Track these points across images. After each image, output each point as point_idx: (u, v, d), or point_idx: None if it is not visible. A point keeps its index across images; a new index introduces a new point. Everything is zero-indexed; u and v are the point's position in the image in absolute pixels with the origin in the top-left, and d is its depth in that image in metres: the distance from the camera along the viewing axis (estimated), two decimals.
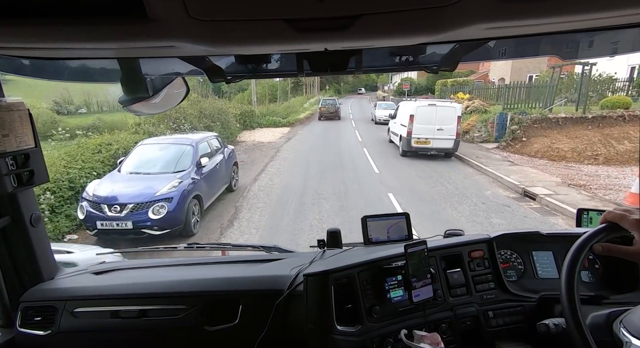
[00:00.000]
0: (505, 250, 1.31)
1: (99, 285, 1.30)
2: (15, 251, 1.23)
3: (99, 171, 7.05)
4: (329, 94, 47.22)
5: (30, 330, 1.20)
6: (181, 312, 1.17)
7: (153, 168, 6.05)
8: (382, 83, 62.70)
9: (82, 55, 0.77)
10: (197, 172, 6.04)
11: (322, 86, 50.13)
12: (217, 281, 1.25)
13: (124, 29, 0.52)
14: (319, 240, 1.45)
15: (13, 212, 1.18)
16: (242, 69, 1.06)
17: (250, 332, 1.13)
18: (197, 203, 5.77)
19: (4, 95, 1.08)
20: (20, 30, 0.52)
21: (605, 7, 0.49)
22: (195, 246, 1.59)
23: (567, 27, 0.63)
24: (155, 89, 1.09)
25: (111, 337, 1.19)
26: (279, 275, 1.23)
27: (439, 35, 0.56)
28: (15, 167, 1.05)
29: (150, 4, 0.45)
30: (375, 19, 0.49)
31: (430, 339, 0.98)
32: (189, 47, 0.60)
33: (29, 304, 1.24)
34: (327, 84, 45.79)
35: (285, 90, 33.92)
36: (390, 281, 1.13)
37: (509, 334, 1.18)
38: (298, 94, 37.14)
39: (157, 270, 1.44)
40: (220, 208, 6.67)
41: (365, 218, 1.37)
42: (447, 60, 1.01)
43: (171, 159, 6.23)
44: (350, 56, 0.91)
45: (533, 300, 1.19)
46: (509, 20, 0.52)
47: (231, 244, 1.76)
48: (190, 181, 5.75)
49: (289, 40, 0.57)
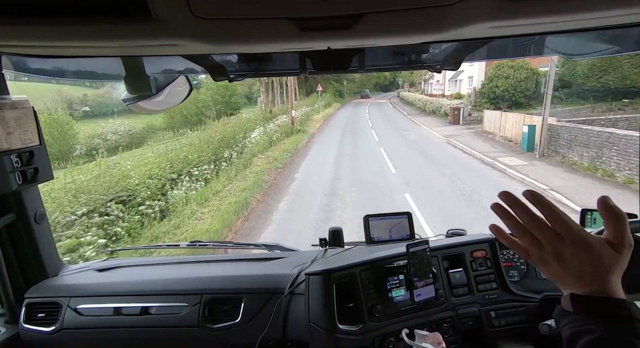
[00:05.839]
0: (508, 250, 1.31)
1: (102, 282, 1.31)
2: (19, 248, 1.24)
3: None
4: (326, 98, 34.73)
5: (34, 326, 1.22)
6: (183, 310, 1.18)
7: None
8: (406, 80, 49.33)
9: (87, 53, 0.77)
10: None
11: (310, 87, 36.24)
12: (219, 279, 1.25)
13: (128, 28, 0.52)
14: (321, 239, 1.45)
15: (18, 209, 1.19)
16: (245, 67, 1.06)
17: (251, 330, 1.13)
18: None
19: (9, 93, 1.09)
20: (26, 29, 0.53)
21: (609, 6, 0.49)
22: (197, 244, 1.60)
23: (570, 26, 0.62)
24: (159, 87, 1.10)
25: (114, 333, 1.20)
26: (281, 273, 1.23)
27: (442, 34, 0.56)
28: (20, 164, 1.05)
29: (154, 3, 0.45)
30: (378, 17, 0.49)
31: (432, 339, 0.98)
32: (192, 46, 0.60)
33: (33, 300, 1.25)
34: (320, 83, 30.11)
35: (249, 94, 25.21)
36: (392, 280, 1.13)
37: (511, 334, 1.18)
38: (286, 97, 25.11)
39: (159, 267, 1.45)
40: None
41: (367, 217, 1.37)
42: (450, 59, 1.01)
43: None
44: (353, 54, 0.90)
45: (535, 301, 1.18)
46: (513, 19, 0.52)
47: (233, 242, 1.77)
48: None
49: (292, 38, 0.57)
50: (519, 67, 19.10)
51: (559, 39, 0.96)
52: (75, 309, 1.22)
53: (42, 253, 1.28)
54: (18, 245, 1.24)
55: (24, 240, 1.23)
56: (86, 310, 1.22)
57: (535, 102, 19.48)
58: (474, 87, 22.22)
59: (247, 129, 14.84)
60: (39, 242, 1.26)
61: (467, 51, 0.94)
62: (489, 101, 19.84)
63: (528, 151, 11.71)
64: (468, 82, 26.28)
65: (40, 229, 1.25)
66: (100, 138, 19.70)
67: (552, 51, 1.06)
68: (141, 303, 1.20)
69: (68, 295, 1.24)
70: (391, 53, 1.04)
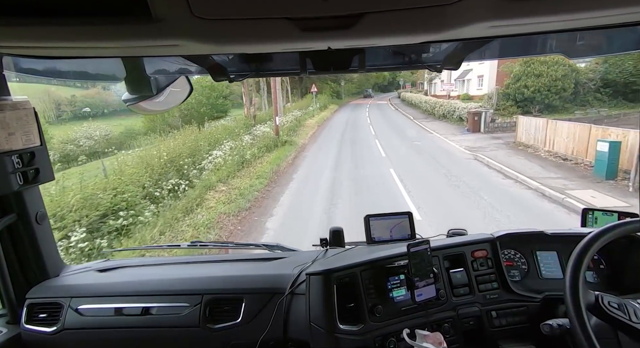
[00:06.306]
0: (509, 250, 1.31)
1: (103, 282, 1.31)
2: (21, 249, 1.24)
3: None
4: (322, 100, 30.52)
5: (35, 327, 1.22)
6: (184, 310, 1.18)
7: None
8: (407, 80, 46.02)
9: (88, 54, 0.77)
10: None
11: (305, 88, 31.29)
12: (219, 279, 1.25)
13: (128, 29, 0.52)
14: (322, 239, 1.44)
15: (19, 210, 1.19)
16: (245, 67, 1.06)
17: (252, 331, 1.13)
18: None
19: (10, 94, 1.09)
20: (27, 30, 0.53)
21: (609, 6, 0.49)
22: (198, 244, 1.60)
23: (571, 25, 0.62)
24: (159, 87, 1.10)
25: (115, 333, 1.20)
26: (282, 273, 1.23)
27: (443, 33, 0.56)
28: (21, 165, 1.06)
29: (155, 4, 0.45)
30: (379, 17, 0.49)
31: (433, 339, 0.98)
32: (192, 46, 0.60)
33: (34, 301, 1.25)
34: (315, 84, 26.14)
35: (222, 95, 19.93)
36: (393, 280, 1.12)
37: (512, 334, 1.18)
38: (269, 99, 19.66)
39: (160, 267, 1.45)
40: None
41: (368, 217, 1.37)
42: (451, 58, 1.01)
43: None
44: (353, 54, 0.90)
45: (537, 300, 1.18)
46: (513, 19, 0.52)
47: (234, 242, 1.77)
48: None
49: (292, 39, 0.57)
50: (553, 63, 15.88)
51: (559, 38, 0.96)
52: (77, 309, 1.22)
53: (43, 253, 1.28)
54: (19, 246, 1.24)
55: (25, 240, 1.23)
56: (87, 311, 1.22)
57: (573, 106, 15.95)
58: (496, 87, 18.50)
59: (218, 142, 11.15)
60: (40, 242, 1.26)
61: (468, 51, 0.94)
62: (515, 103, 16.40)
63: (608, 179, 7.76)
64: (478, 82, 23.67)
65: (41, 229, 1.26)
66: (73, 143, 16.67)
67: (553, 51, 1.06)
68: (142, 303, 1.20)
69: (69, 295, 1.24)
70: (391, 53, 1.04)
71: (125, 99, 1.10)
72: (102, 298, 1.24)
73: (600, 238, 0.85)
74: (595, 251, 0.86)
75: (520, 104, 16.25)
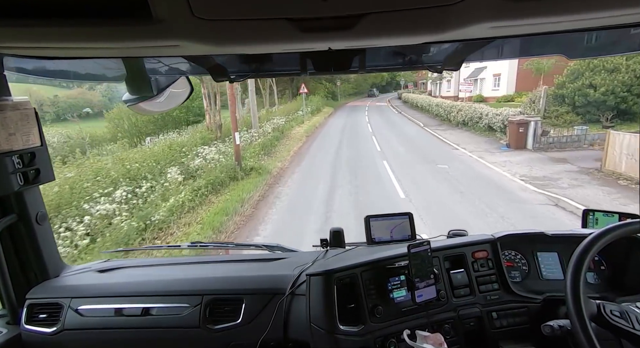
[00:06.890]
0: (510, 251, 1.31)
1: (103, 282, 1.31)
2: (21, 249, 1.24)
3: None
4: (316, 102, 26.96)
5: (35, 327, 1.22)
6: (184, 310, 1.18)
7: None
8: (410, 81, 43.05)
9: (88, 55, 0.77)
10: None
11: (297, 88, 25.52)
12: (220, 280, 1.25)
13: (129, 29, 0.52)
14: (322, 239, 1.44)
15: (19, 210, 1.19)
16: (246, 68, 1.06)
17: (252, 331, 1.13)
18: None
19: (11, 94, 1.09)
20: (28, 31, 0.53)
21: (609, 6, 0.49)
22: (198, 245, 1.60)
23: (572, 26, 0.62)
24: (160, 88, 1.10)
25: (115, 334, 1.20)
26: (282, 274, 1.23)
27: (444, 34, 0.56)
28: (21, 166, 1.06)
29: (155, 4, 0.45)
30: (379, 18, 0.49)
31: (433, 340, 0.97)
32: (193, 47, 0.60)
33: (34, 301, 1.25)
34: (304, 84, 21.51)
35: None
36: (393, 281, 1.12)
37: (513, 335, 1.17)
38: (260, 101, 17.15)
39: (160, 268, 1.45)
40: None
41: (369, 218, 1.36)
42: (451, 59, 1.01)
43: None
44: (354, 55, 0.91)
45: (537, 301, 1.18)
46: (514, 19, 0.52)
47: (234, 243, 1.77)
48: None
49: (293, 39, 0.57)
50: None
51: (560, 38, 0.96)
52: (77, 310, 1.22)
53: (43, 253, 1.28)
54: (19, 246, 1.24)
55: (25, 240, 1.23)
56: (87, 311, 1.22)
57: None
58: (545, 87, 13.32)
59: (135, 179, 6.70)
60: (41, 243, 1.26)
61: (469, 51, 0.94)
62: (573, 109, 11.65)
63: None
64: (493, 82, 19.49)
65: (41, 230, 1.26)
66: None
67: (553, 51, 1.06)
68: (142, 304, 1.20)
69: (69, 295, 1.24)
70: (392, 53, 1.04)
71: (126, 99, 1.10)
72: (102, 298, 1.24)
73: (601, 239, 0.85)
74: (596, 253, 0.85)
75: (580, 110, 11.57)
